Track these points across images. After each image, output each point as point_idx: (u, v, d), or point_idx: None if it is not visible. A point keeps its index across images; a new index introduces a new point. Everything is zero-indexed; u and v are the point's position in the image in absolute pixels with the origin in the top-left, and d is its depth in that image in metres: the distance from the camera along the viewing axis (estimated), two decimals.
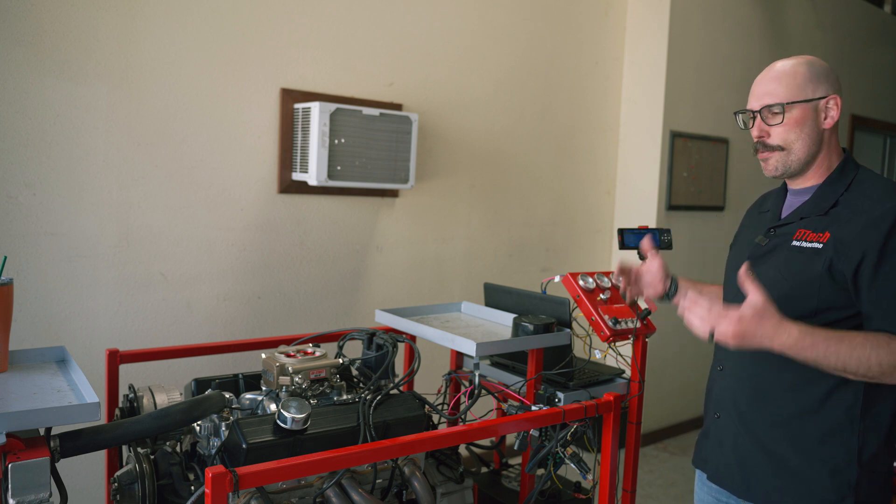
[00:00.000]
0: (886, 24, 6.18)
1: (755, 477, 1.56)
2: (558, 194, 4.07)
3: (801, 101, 1.52)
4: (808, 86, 1.52)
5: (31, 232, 2.44)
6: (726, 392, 1.64)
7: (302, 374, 1.76)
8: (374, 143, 2.98)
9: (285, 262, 3.02)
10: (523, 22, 3.78)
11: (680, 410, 4.58)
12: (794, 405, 1.51)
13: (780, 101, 1.52)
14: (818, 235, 1.49)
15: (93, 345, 2.57)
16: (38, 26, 2.40)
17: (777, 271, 1.54)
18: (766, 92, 1.54)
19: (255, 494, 1.52)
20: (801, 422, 1.50)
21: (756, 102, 1.56)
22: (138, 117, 2.62)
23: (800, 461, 1.50)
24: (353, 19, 3.12)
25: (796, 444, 1.50)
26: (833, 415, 1.47)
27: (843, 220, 1.47)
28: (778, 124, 1.53)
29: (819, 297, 1.46)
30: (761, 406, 1.56)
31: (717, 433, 1.66)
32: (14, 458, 1.25)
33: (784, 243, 1.55)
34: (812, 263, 1.47)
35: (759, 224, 1.69)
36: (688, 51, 4.24)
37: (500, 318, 2.25)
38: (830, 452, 1.47)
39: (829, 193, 1.54)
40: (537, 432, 1.83)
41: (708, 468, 1.70)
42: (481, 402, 2.06)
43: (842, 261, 1.43)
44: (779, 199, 1.68)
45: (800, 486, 1.50)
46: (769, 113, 1.54)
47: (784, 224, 1.59)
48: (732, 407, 1.62)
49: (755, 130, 1.57)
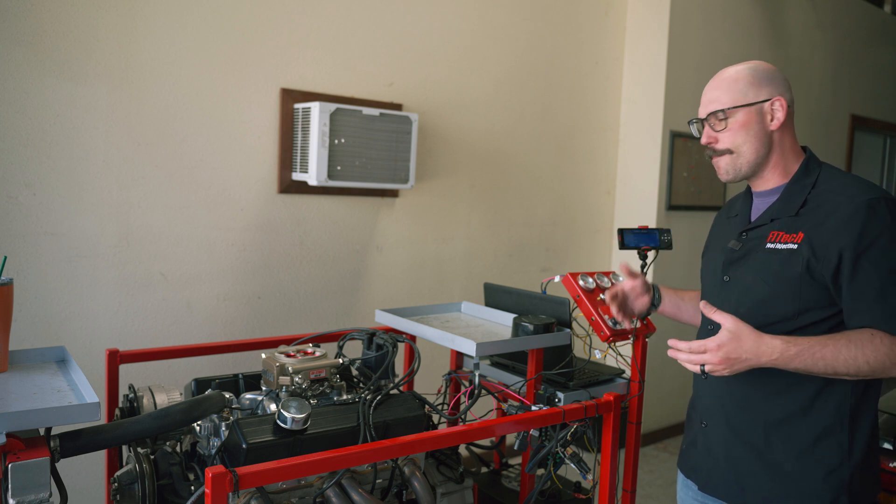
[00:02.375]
0: (886, 24, 6.18)
1: (750, 483, 1.56)
2: (558, 194, 4.07)
3: (743, 106, 1.54)
4: (750, 90, 1.55)
5: (31, 232, 2.44)
6: (714, 400, 1.63)
7: (302, 374, 1.76)
8: (374, 143, 2.98)
9: (285, 262, 3.02)
10: (523, 22, 3.78)
11: (680, 410, 4.57)
12: (785, 409, 1.51)
13: (723, 106, 1.55)
14: (792, 236, 1.49)
15: (93, 345, 2.57)
16: (38, 26, 2.40)
17: (755, 275, 1.54)
18: (710, 99, 1.58)
19: (255, 494, 1.52)
20: (793, 424, 1.50)
21: (703, 110, 1.61)
22: (138, 117, 2.62)
23: (794, 464, 1.50)
24: (353, 19, 3.12)
25: (790, 446, 1.50)
26: (825, 414, 1.48)
27: (815, 220, 1.48)
28: (723, 130, 1.57)
29: (801, 298, 1.47)
30: (752, 412, 1.55)
31: (705, 442, 1.65)
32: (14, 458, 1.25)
33: (758, 246, 1.56)
34: (790, 264, 1.47)
35: (730, 229, 1.69)
36: (688, 51, 4.24)
37: (500, 318, 2.25)
38: (824, 452, 1.48)
39: (797, 193, 1.55)
40: (537, 432, 1.83)
41: (698, 478, 1.68)
42: (481, 402, 2.06)
43: (820, 262, 1.44)
44: (746, 202, 1.68)
45: (796, 489, 1.50)
46: (714, 119, 1.58)
47: (755, 227, 1.59)
48: (721, 415, 1.61)
49: (704, 137, 1.61)
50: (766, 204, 1.61)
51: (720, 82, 1.58)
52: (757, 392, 1.54)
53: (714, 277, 1.66)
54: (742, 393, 1.56)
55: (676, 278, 4.17)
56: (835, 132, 5.66)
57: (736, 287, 1.58)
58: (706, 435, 1.65)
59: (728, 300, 1.58)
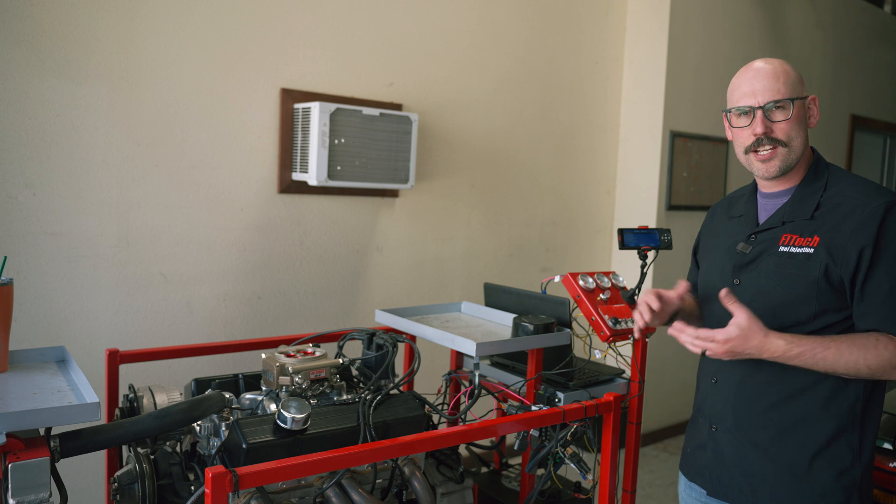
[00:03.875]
0: (886, 24, 6.18)
1: (761, 487, 1.54)
2: (558, 194, 4.07)
3: (799, 99, 1.52)
4: (799, 84, 1.53)
5: (31, 232, 2.44)
6: (725, 405, 1.61)
7: (302, 374, 1.76)
8: (374, 143, 2.98)
9: (285, 262, 3.02)
10: (523, 22, 3.78)
11: (680, 410, 4.57)
12: (799, 412, 1.50)
13: (785, 96, 1.50)
14: (807, 240, 1.48)
15: (93, 345, 2.57)
16: (38, 26, 2.40)
17: (768, 279, 1.52)
18: (768, 88, 1.50)
19: (255, 494, 1.52)
20: (808, 427, 1.49)
21: (757, 99, 1.51)
22: (138, 117, 2.62)
23: (807, 466, 1.49)
24: (353, 19, 3.12)
25: (803, 449, 1.50)
26: (837, 417, 1.48)
27: (831, 223, 1.47)
28: (784, 120, 1.50)
29: (818, 302, 1.46)
30: (763, 416, 1.54)
31: (714, 447, 1.63)
32: (14, 458, 1.25)
33: (770, 249, 1.54)
34: (807, 269, 1.46)
35: (733, 230, 1.65)
36: (688, 51, 4.24)
37: (500, 318, 2.25)
38: (837, 454, 1.48)
39: (810, 195, 1.53)
40: (537, 432, 1.83)
41: (707, 483, 1.65)
42: (481, 402, 2.06)
43: (839, 265, 1.43)
44: (751, 203, 1.65)
45: (809, 491, 1.49)
46: (775, 108, 1.51)
47: (766, 229, 1.57)
48: (732, 419, 1.59)
49: (758, 127, 1.50)
50: (775, 206, 1.59)
51: (774, 72, 1.51)
52: (770, 397, 1.53)
53: (721, 280, 1.61)
54: (755, 397, 1.55)
55: (676, 278, 4.14)
56: (835, 132, 5.66)
57: (747, 291, 1.54)
58: (716, 439, 1.63)
59: None
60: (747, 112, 1.53)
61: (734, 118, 1.56)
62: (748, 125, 1.53)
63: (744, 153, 1.56)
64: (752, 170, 1.58)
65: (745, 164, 1.59)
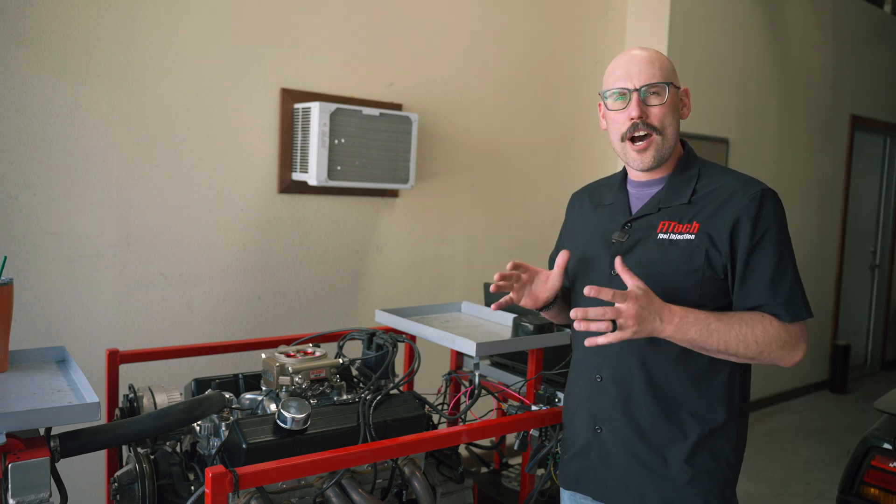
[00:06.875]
0: (886, 24, 6.18)
1: (648, 484, 1.50)
2: (558, 194, 4.07)
3: (674, 86, 1.50)
4: (673, 73, 1.51)
5: (31, 232, 2.44)
6: (613, 402, 1.53)
7: (302, 374, 1.77)
8: (373, 143, 2.98)
9: (285, 262, 3.02)
10: (523, 22, 3.78)
11: None
12: (696, 400, 1.48)
13: (661, 80, 1.47)
14: (687, 226, 1.46)
15: (93, 345, 2.57)
16: (38, 26, 2.40)
17: (648, 268, 1.46)
18: (643, 71, 1.47)
19: (255, 494, 1.52)
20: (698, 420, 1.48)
21: (633, 81, 1.47)
22: (138, 117, 2.62)
23: (701, 454, 1.48)
24: (353, 19, 3.12)
25: (687, 442, 1.48)
26: (722, 404, 1.49)
27: (709, 211, 1.45)
28: (659, 105, 1.47)
29: (701, 290, 1.44)
30: (658, 409, 1.48)
31: (599, 448, 1.55)
32: (14, 458, 1.25)
33: (647, 237, 1.50)
34: (690, 256, 1.44)
35: (604, 220, 1.61)
36: (688, 51, 4.23)
37: (500, 318, 2.25)
38: (721, 442, 1.49)
39: (685, 182, 1.51)
40: (537, 432, 1.83)
41: (591, 488, 1.58)
42: (481, 402, 2.06)
43: (721, 251, 1.42)
44: (621, 192, 1.61)
45: (705, 479, 1.48)
46: (650, 93, 1.47)
47: (641, 216, 1.53)
48: (622, 416, 1.51)
49: (634, 110, 1.46)
50: (647, 195, 1.55)
51: (651, 59, 1.48)
52: (664, 386, 1.48)
53: (597, 272, 1.56)
54: (649, 388, 1.49)
55: None
56: (835, 132, 5.66)
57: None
58: (601, 440, 1.55)
59: None
60: (623, 94, 1.49)
61: (610, 102, 1.52)
62: (624, 108, 1.49)
63: (619, 140, 1.52)
64: (627, 160, 1.54)
65: (619, 153, 1.55)
